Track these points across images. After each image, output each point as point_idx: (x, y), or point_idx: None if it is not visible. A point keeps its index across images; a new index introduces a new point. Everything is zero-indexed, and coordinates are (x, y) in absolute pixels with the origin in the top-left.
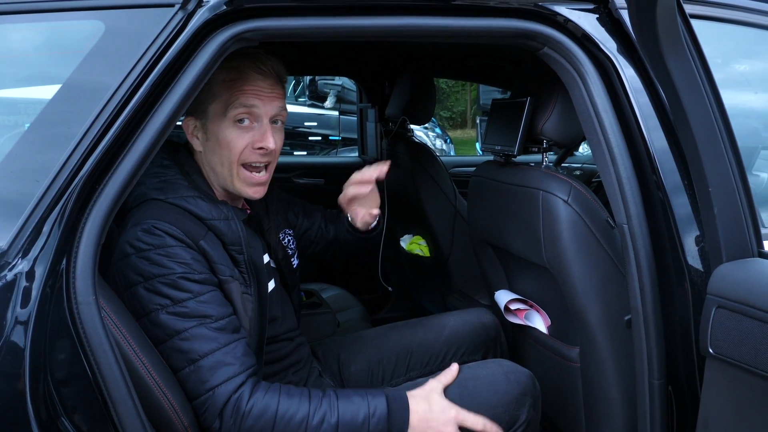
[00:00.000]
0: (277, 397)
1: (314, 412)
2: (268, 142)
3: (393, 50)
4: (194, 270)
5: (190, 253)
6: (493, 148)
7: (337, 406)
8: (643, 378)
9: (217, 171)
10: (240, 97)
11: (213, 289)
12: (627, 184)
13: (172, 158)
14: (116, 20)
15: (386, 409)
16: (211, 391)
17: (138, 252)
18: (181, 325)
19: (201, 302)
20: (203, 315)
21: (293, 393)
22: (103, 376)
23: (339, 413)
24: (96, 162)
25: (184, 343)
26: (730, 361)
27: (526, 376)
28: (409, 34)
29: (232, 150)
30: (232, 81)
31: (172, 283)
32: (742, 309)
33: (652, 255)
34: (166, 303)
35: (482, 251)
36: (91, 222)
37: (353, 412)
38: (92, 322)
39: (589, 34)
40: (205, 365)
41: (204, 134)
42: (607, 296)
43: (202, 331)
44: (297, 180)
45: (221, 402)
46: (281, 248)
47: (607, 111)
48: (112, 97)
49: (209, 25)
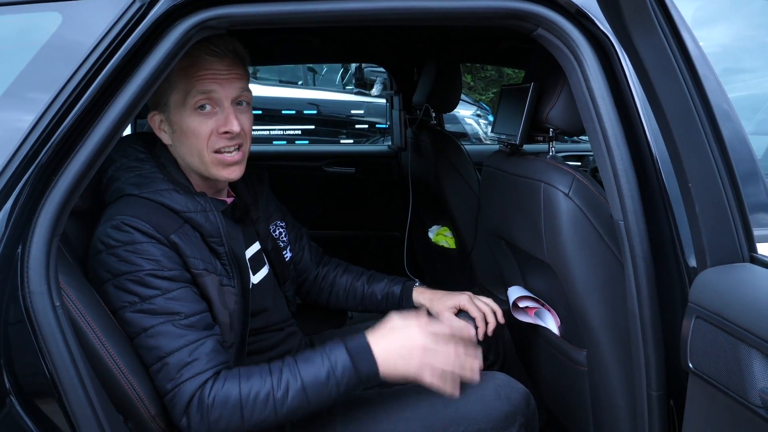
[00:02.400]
0: (236, 381)
1: (277, 384)
2: (232, 125)
3: (420, 35)
4: (163, 267)
5: (160, 249)
6: (499, 137)
7: (298, 370)
8: (641, 388)
9: (188, 161)
10: (197, 84)
11: (183, 286)
12: (623, 176)
13: (148, 151)
14: (73, 11)
15: (348, 357)
16: (177, 388)
17: (108, 249)
18: (148, 322)
19: (169, 299)
20: (171, 312)
21: (252, 372)
22: (54, 365)
23: (301, 377)
24: (50, 153)
25: (151, 340)
26: (706, 378)
27: (519, 393)
28: (387, 17)
29: (198, 138)
30: (186, 68)
31: (140, 280)
32: (718, 321)
33: (650, 255)
34: (133, 300)
35: (496, 245)
36: (45, 213)
37: (315, 371)
38: (44, 311)
39: (583, 10)
40: (172, 362)
41: (169, 127)
42: (611, 297)
43: (169, 328)
44: (327, 169)
45: (186, 399)
46: (271, 239)
47: (604, 96)
48: (63, 89)
49: (171, 14)
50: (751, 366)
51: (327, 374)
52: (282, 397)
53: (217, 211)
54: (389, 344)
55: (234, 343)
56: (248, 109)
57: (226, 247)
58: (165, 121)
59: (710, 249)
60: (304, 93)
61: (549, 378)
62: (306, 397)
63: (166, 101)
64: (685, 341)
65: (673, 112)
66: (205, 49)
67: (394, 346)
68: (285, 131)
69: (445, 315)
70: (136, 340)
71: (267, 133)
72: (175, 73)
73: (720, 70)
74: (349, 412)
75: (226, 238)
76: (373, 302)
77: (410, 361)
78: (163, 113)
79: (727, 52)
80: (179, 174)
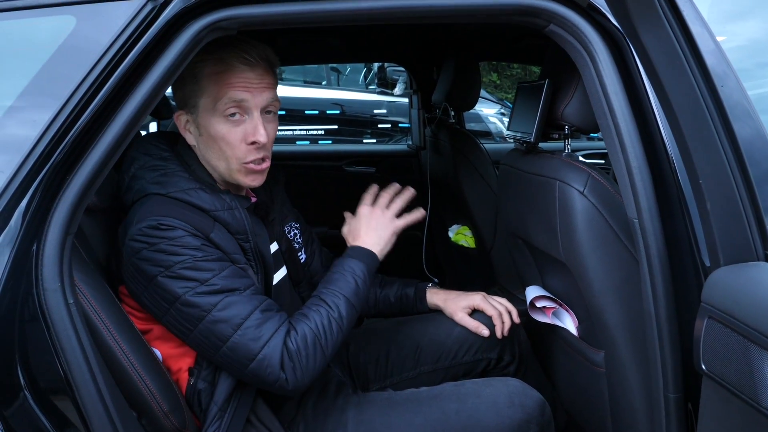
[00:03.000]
0: (303, 322)
1: (328, 308)
2: (260, 136)
3: (440, 34)
4: (209, 253)
5: (201, 240)
6: (515, 135)
7: (334, 290)
8: (658, 390)
9: (213, 164)
10: (228, 92)
11: (230, 265)
12: (638, 174)
13: (171, 150)
14: (87, 14)
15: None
16: (266, 346)
17: (150, 246)
18: (215, 299)
19: (225, 278)
20: (231, 288)
21: (306, 312)
22: (68, 361)
23: (341, 293)
24: (64, 153)
25: (223, 312)
26: (719, 381)
27: (533, 400)
28: (398, 16)
29: (226, 144)
30: (218, 74)
31: (193, 266)
32: (729, 322)
33: (666, 254)
34: (193, 285)
35: (514, 244)
36: (59, 212)
37: (344, 283)
38: (57, 308)
39: (595, 4)
40: (251, 325)
41: (196, 129)
42: (628, 297)
43: (236, 298)
44: (347, 168)
45: (279, 355)
46: (286, 241)
47: (617, 92)
48: (77, 90)
49: (182, 15)
50: (763, 368)
51: (354, 280)
52: (338, 315)
53: (243, 208)
54: (365, 234)
55: None
56: (275, 118)
57: (252, 244)
58: (192, 122)
59: (723, 247)
60: (327, 93)
61: (567, 379)
62: (352, 305)
63: (195, 104)
64: (697, 342)
65: (681, 107)
66: (239, 57)
67: (368, 232)
68: (308, 131)
69: (459, 315)
70: (207, 318)
71: (290, 133)
72: (205, 77)
73: (752, 64)
74: (361, 418)
75: (251, 235)
76: (386, 306)
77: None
78: (190, 114)
79: (758, 46)
80: (203, 172)
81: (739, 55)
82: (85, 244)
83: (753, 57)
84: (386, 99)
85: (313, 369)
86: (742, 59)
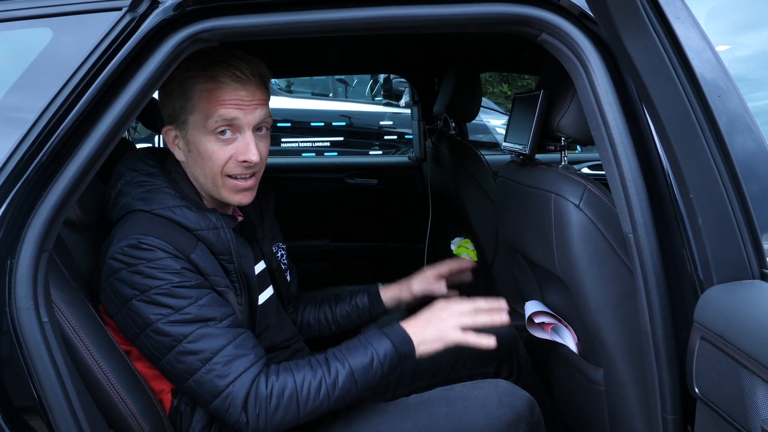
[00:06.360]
0: (289, 372)
1: (327, 371)
2: (251, 155)
3: (440, 44)
4: (188, 278)
5: (182, 263)
6: (512, 147)
7: (345, 357)
8: (656, 411)
9: (201, 182)
10: (219, 109)
11: (210, 293)
12: (632, 187)
13: (159, 166)
14: (64, 26)
15: (387, 339)
16: (231, 385)
17: (129, 267)
18: (188, 330)
19: (201, 306)
20: (206, 318)
21: (301, 364)
22: (41, 382)
23: (349, 362)
24: (39, 168)
25: (194, 344)
26: (711, 405)
27: (522, 400)
28: (385, 26)
29: (214, 163)
30: (209, 91)
31: (169, 292)
32: (721, 344)
33: (662, 271)
34: (167, 312)
35: (512, 258)
36: (33, 228)
37: (360, 356)
38: (30, 327)
39: (588, 12)
40: (220, 361)
41: (185, 145)
42: (626, 314)
43: (209, 330)
44: (349, 180)
45: (243, 394)
46: (275, 260)
47: (611, 103)
48: (51, 103)
49: (163, 27)
50: (755, 395)
51: (371, 357)
52: (333, 382)
53: (228, 228)
54: (418, 322)
55: None
56: (267, 135)
57: (236, 265)
58: (181, 138)
59: (716, 265)
60: (333, 105)
61: (567, 396)
62: (355, 381)
63: (184, 120)
64: (690, 364)
65: (669, 118)
66: (231, 74)
67: (421, 322)
68: (314, 143)
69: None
70: (177, 349)
71: (296, 145)
72: (198, 94)
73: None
74: (350, 424)
75: (236, 256)
76: (346, 321)
77: (438, 327)
78: (179, 130)
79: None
80: (191, 189)
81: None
82: (67, 261)
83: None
84: (392, 110)
85: (280, 422)
86: (756, 69)
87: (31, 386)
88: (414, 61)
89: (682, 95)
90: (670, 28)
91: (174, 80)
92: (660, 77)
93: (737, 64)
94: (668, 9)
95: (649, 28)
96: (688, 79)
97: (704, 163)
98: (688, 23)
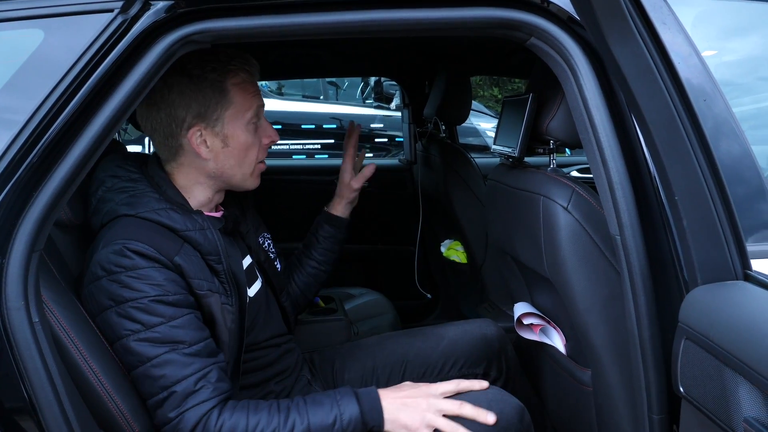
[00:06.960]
0: (245, 413)
1: (284, 422)
2: (275, 135)
3: (430, 47)
4: (167, 292)
5: (164, 273)
6: (501, 149)
7: (306, 411)
8: (642, 411)
9: (230, 173)
10: (254, 100)
11: (188, 313)
12: (619, 189)
13: (140, 171)
14: (55, 28)
15: (356, 405)
16: (181, 416)
17: (109, 275)
18: (153, 352)
19: (174, 327)
20: (176, 341)
21: (261, 407)
22: (31, 382)
23: (309, 418)
24: (30, 168)
25: (157, 369)
26: (696, 404)
27: (511, 407)
28: (375, 30)
29: (254, 152)
30: (239, 84)
31: (144, 307)
32: (705, 344)
33: (649, 272)
34: (137, 328)
35: (502, 259)
36: (24, 228)
37: (323, 415)
38: (21, 327)
39: (576, 17)
40: (178, 390)
41: (218, 141)
42: (613, 316)
43: (175, 356)
44: None
45: (190, 425)
46: (262, 251)
47: (598, 107)
48: (43, 104)
49: (154, 29)
50: (737, 393)
51: (334, 419)
52: None
53: (215, 229)
54: (396, 396)
55: (230, 361)
56: None
57: (225, 265)
58: (211, 135)
59: (700, 265)
60: (324, 107)
61: (555, 397)
62: None
63: (217, 116)
64: (675, 364)
65: (654, 121)
66: (249, 66)
67: (400, 395)
68: (304, 146)
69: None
70: (140, 369)
71: (287, 147)
72: (230, 89)
73: (754, 78)
74: None
75: (224, 256)
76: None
77: (414, 413)
78: (211, 128)
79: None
80: (175, 192)
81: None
82: (58, 261)
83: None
84: (383, 113)
85: None
86: (743, 74)
87: (22, 386)
88: (405, 64)
89: (667, 100)
90: (656, 33)
91: (204, 79)
92: (646, 82)
93: (723, 70)
94: (654, 14)
95: (635, 34)
96: (673, 84)
97: (689, 166)
98: (674, 29)
